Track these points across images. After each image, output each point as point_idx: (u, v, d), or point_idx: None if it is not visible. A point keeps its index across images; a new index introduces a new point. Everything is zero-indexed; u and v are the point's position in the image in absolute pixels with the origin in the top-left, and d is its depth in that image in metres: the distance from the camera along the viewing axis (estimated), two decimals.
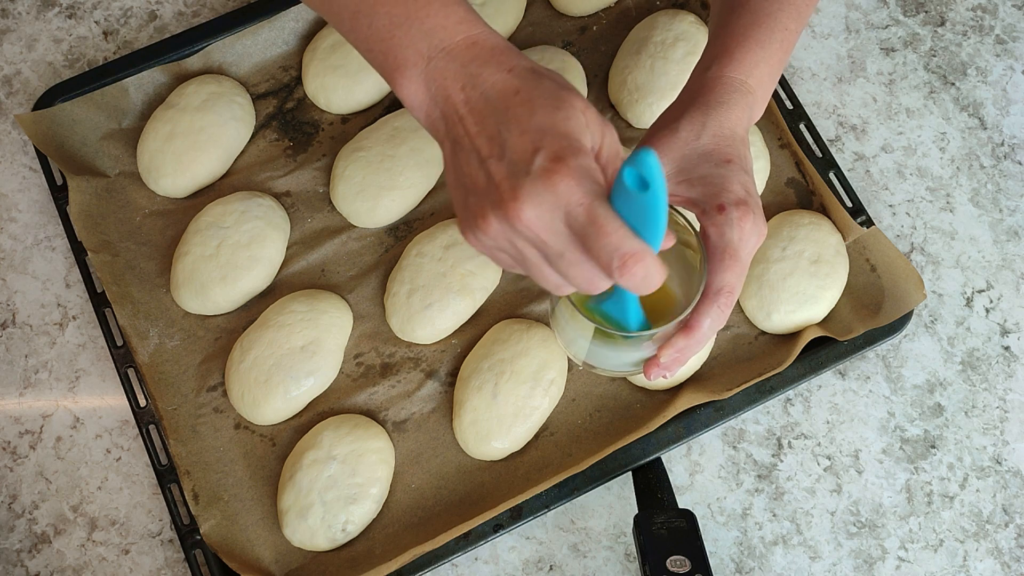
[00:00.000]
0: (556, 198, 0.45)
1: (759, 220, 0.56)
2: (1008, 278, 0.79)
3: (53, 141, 0.79)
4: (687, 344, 0.56)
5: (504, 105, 0.48)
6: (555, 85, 0.49)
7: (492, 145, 0.48)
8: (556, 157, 0.45)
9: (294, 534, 0.69)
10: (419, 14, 0.50)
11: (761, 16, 0.61)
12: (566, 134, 0.46)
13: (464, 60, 0.50)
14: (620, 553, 0.72)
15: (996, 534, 0.72)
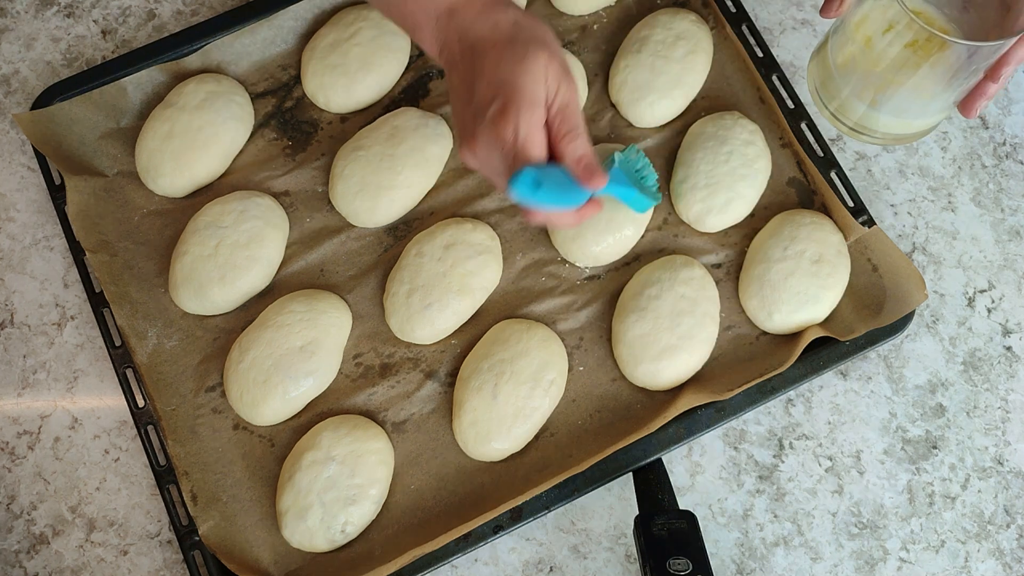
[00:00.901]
0: (496, 141, 0.55)
1: None
2: (1010, 278, 0.79)
3: (51, 140, 0.78)
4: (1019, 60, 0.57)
5: (481, 56, 0.57)
6: (526, 39, 0.56)
7: (468, 91, 0.57)
8: (502, 108, 0.55)
9: (293, 535, 0.69)
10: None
11: None
12: (519, 87, 0.55)
13: (461, 16, 0.58)
14: (620, 554, 0.72)
15: (998, 535, 0.72)
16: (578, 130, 0.57)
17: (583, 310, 0.76)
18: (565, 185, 0.57)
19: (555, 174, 0.57)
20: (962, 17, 0.61)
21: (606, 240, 0.76)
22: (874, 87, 0.62)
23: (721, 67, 0.83)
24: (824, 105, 0.67)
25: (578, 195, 0.58)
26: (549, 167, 0.57)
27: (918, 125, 0.64)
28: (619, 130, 0.81)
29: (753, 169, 0.77)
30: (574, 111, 0.57)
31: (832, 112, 0.67)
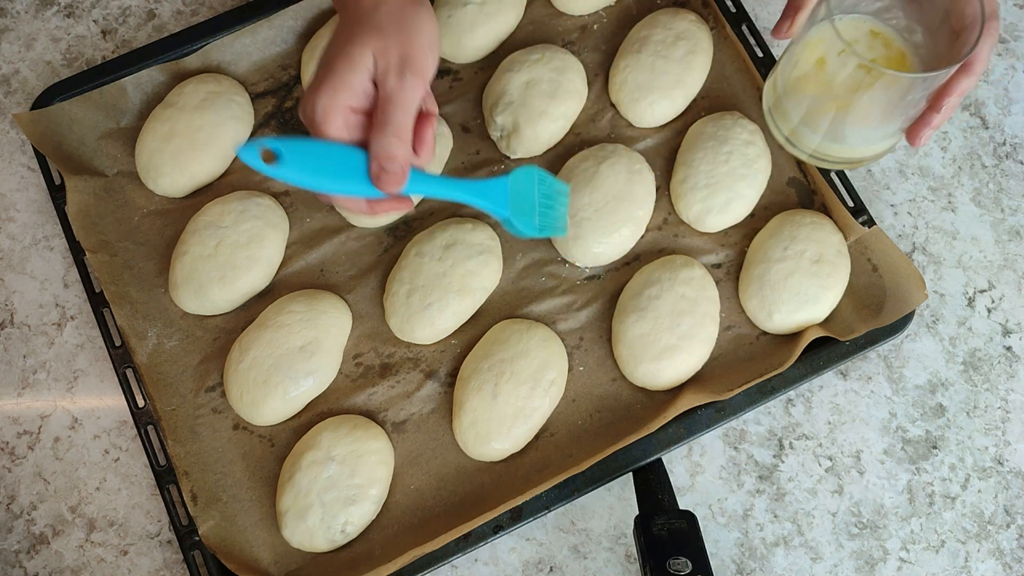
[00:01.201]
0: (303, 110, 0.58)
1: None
2: (1010, 278, 0.79)
3: (51, 140, 0.78)
4: (968, 83, 0.56)
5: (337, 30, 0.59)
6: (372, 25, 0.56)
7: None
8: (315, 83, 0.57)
9: (293, 535, 0.69)
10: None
11: None
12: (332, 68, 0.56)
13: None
14: (620, 554, 0.72)
15: (998, 535, 0.72)
16: (390, 128, 0.56)
17: (583, 310, 0.76)
18: (351, 168, 0.58)
19: (346, 155, 0.58)
20: (918, 40, 0.61)
21: (606, 240, 0.76)
22: (822, 114, 0.62)
23: (721, 67, 0.83)
24: (778, 130, 0.67)
25: (365, 184, 0.59)
26: (344, 148, 0.58)
27: (868, 151, 0.64)
28: (619, 130, 0.81)
29: (753, 169, 0.77)
30: (396, 107, 0.56)
31: (785, 137, 0.67)
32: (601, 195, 0.76)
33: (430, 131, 0.61)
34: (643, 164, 0.78)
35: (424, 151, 0.61)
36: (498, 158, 0.80)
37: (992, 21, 0.56)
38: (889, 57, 0.62)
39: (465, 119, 0.82)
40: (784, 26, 0.62)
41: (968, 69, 0.57)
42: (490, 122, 0.80)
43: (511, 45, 0.84)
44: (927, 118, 0.59)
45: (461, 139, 0.81)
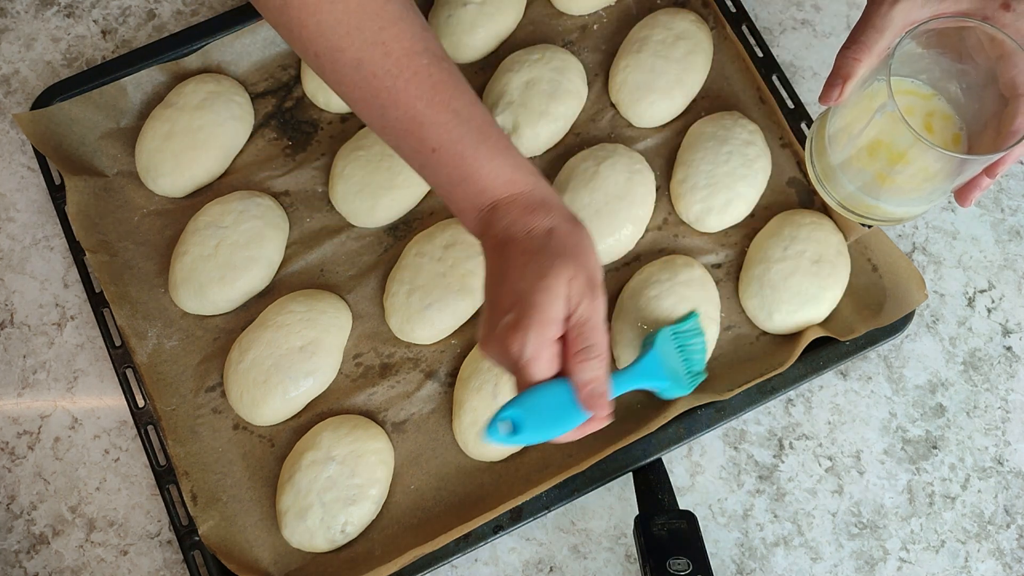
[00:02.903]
0: (504, 353, 0.55)
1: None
2: (1010, 278, 0.79)
3: (51, 140, 0.78)
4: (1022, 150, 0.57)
5: (510, 261, 0.57)
6: (555, 251, 0.56)
7: (495, 288, 0.58)
8: (514, 323, 0.54)
9: (293, 535, 0.69)
10: (472, 176, 0.58)
11: None
12: (535, 304, 0.54)
13: (502, 213, 0.58)
14: (620, 554, 0.72)
15: (998, 535, 0.72)
16: (593, 350, 0.55)
17: None
18: (564, 404, 0.56)
19: (555, 393, 0.56)
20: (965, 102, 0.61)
21: (606, 240, 0.76)
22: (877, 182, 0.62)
23: (721, 67, 0.83)
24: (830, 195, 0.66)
25: (579, 414, 0.56)
26: (550, 387, 0.56)
27: (919, 210, 0.65)
28: (619, 130, 0.81)
29: (753, 169, 0.77)
30: (593, 329, 0.55)
31: (839, 201, 0.67)
32: (601, 195, 0.76)
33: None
34: (643, 164, 0.78)
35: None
36: None
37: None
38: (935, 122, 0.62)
39: None
40: (833, 94, 0.61)
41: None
42: None
43: (511, 45, 0.84)
44: (979, 181, 0.60)
45: None
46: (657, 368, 0.68)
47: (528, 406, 0.55)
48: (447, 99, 0.58)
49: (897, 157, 0.59)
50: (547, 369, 0.55)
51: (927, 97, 0.62)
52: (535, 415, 0.56)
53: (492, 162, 0.58)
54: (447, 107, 0.58)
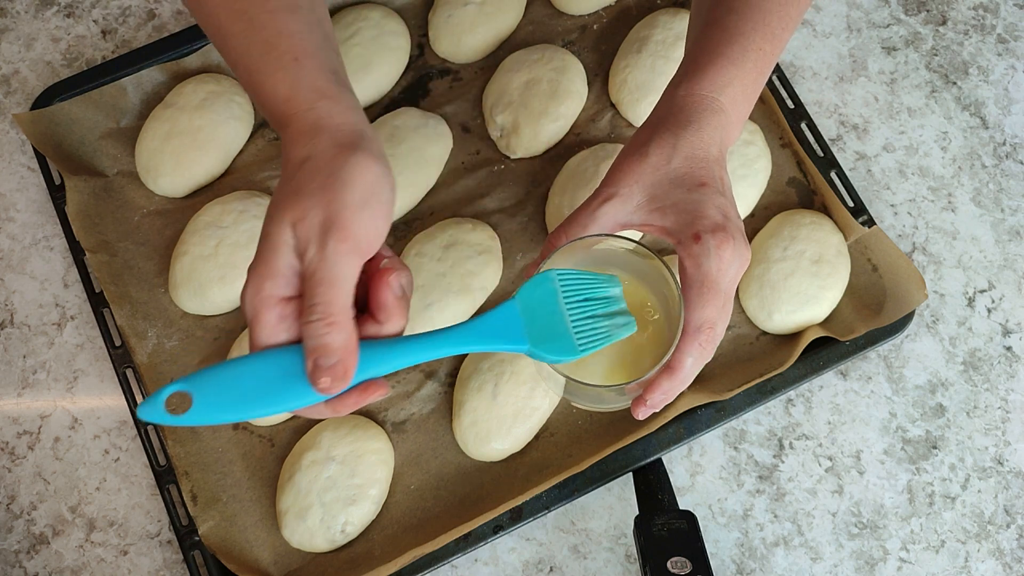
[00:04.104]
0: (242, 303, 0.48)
1: (740, 245, 0.53)
2: (1010, 278, 0.79)
3: (51, 140, 0.78)
4: (671, 385, 0.54)
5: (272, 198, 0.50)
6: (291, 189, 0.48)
7: None
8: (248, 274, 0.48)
9: (293, 535, 0.69)
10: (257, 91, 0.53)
11: (734, 34, 0.57)
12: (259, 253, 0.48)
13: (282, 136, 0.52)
14: (620, 554, 0.72)
15: (998, 535, 0.72)
16: (315, 311, 0.46)
17: None
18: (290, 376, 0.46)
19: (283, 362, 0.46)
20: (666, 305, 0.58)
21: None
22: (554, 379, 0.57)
23: None
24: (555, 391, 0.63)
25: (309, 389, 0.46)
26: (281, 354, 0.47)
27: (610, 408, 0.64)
28: (619, 130, 0.81)
29: (753, 169, 0.77)
30: (318, 283, 0.46)
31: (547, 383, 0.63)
32: None
33: (388, 292, 0.49)
34: None
35: (389, 318, 0.49)
36: (498, 158, 0.80)
37: (700, 333, 0.53)
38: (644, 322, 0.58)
39: (465, 119, 0.82)
40: (529, 272, 0.57)
41: (670, 373, 0.53)
42: (490, 122, 0.80)
43: (511, 45, 0.84)
44: (641, 400, 0.55)
45: (461, 139, 0.81)
46: (511, 325, 0.51)
47: (220, 378, 0.46)
48: (245, 6, 0.52)
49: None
50: (272, 333, 0.47)
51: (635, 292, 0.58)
52: (230, 389, 0.46)
53: (272, 76, 0.51)
54: (243, 15, 0.52)
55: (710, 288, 0.53)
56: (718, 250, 0.52)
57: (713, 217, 0.53)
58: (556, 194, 0.77)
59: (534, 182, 0.80)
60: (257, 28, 0.52)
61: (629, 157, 0.56)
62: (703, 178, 0.54)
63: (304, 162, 0.49)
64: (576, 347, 0.51)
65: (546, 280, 0.52)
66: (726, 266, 0.52)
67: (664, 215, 0.54)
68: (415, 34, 0.84)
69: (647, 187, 0.55)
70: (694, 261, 0.53)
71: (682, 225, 0.54)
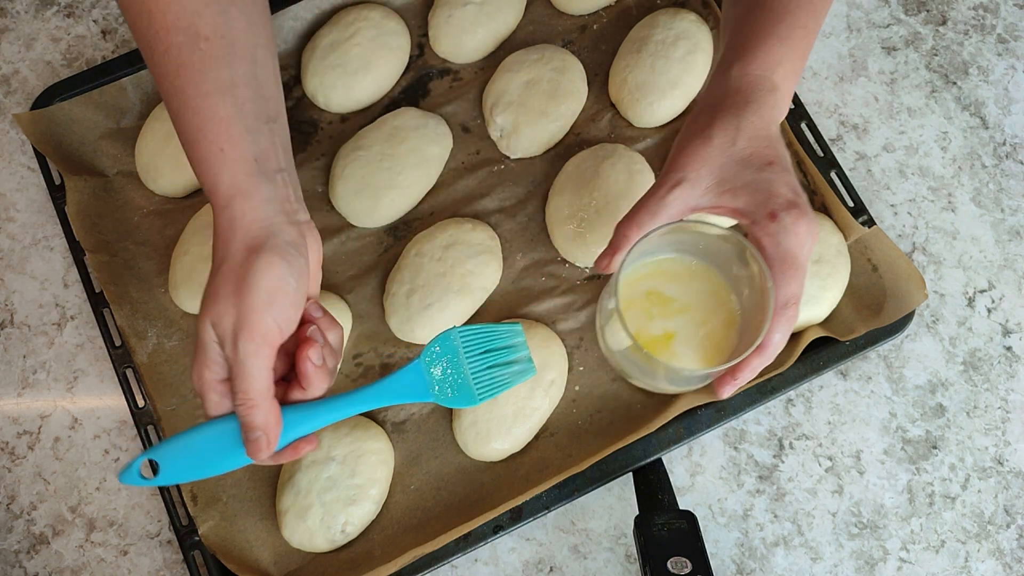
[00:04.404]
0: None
1: (812, 220, 0.55)
2: (1010, 278, 0.79)
3: (51, 140, 0.78)
4: (761, 362, 0.57)
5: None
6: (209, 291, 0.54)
7: None
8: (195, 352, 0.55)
9: (293, 535, 0.69)
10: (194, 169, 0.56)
11: (781, 14, 0.60)
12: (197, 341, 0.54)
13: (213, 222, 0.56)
14: (620, 554, 0.72)
15: (998, 535, 0.72)
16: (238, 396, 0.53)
17: (583, 310, 0.76)
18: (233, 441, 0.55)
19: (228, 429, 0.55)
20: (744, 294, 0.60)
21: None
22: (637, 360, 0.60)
23: None
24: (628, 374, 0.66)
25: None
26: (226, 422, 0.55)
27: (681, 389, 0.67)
28: (619, 130, 0.81)
29: None
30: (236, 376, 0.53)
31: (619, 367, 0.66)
32: (601, 195, 0.76)
33: (307, 364, 0.55)
34: (643, 164, 0.78)
35: (310, 384, 0.56)
36: (498, 158, 0.80)
37: (787, 309, 0.55)
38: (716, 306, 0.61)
39: (465, 119, 0.82)
40: (603, 263, 0.61)
41: (760, 351, 0.56)
42: (490, 122, 0.80)
43: (511, 45, 0.84)
44: (725, 380, 0.59)
45: (461, 139, 0.81)
46: (417, 381, 0.59)
47: (180, 445, 0.56)
48: (183, 85, 0.55)
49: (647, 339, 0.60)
50: (217, 407, 0.55)
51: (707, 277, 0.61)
52: (189, 454, 0.56)
53: (200, 165, 0.56)
54: (180, 94, 0.55)
55: (791, 264, 0.55)
56: (795, 226, 0.54)
57: (785, 195, 0.55)
58: (556, 194, 0.77)
59: (534, 182, 0.80)
60: (190, 112, 0.55)
61: (692, 141, 0.58)
62: (769, 157, 0.56)
63: (221, 265, 0.54)
64: (475, 395, 0.59)
65: (448, 338, 0.59)
66: (803, 241, 0.55)
67: (735, 196, 0.56)
68: (415, 34, 0.84)
69: (715, 170, 0.57)
70: (772, 239, 0.55)
71: (755, 205, 0.56)
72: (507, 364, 0.60)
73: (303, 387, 0.56)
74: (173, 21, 0.54)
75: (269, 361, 0.54)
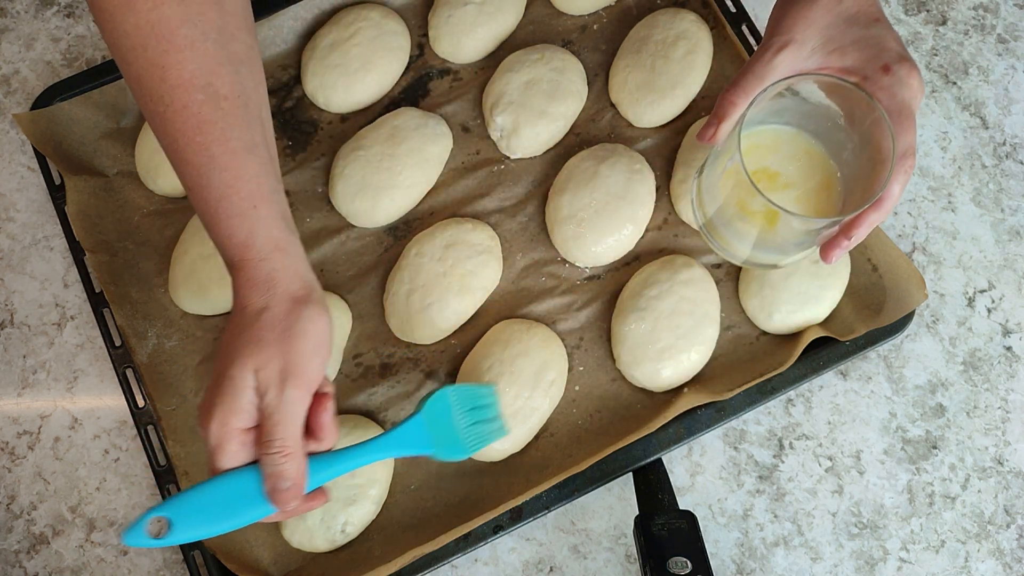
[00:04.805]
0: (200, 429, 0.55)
1: (920, 74, 0.56)
2: (1010, 278, 0.79)
3: (51, 140, 0.78)
4: (878, 217, 0.57)
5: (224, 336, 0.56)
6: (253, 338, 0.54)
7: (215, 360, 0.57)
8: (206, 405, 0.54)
9: (293, 535, 0.69)
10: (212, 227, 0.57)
11: None
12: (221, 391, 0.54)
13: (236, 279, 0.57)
14: (620, 554, 0.72)
15: (998, 535, 0.72)
16: (273, 445, 0.54)
17: (583, 310, 0.76)
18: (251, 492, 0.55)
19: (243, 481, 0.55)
20: (844, 158, 0.62)
21: (606, 240, 0.76)
22: (744, 229, 0.62)
23: (721, 67, 0.83)
24: (708, 236, 0.68)
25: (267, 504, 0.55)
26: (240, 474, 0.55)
27: (783, 260, 0.67)
28: (619, 130, 0.81)
29: None
30: (277, 424, 0.54)
31: (702, 226, 0.69)
32: (601, 195, 0.76)
33: (327, 415, 0.57)
34: (643, 164, 0.78)
35: (326, 436, 0.57)
36: (498, 158, 0.80)
37: (905, 160, 0.57)
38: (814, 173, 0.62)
39: (465, 119, 0.82)
40: (707, 133, 0.61)
41: (877, 206, 0.57)
42: (490, 122, 0.80)
43: (511, 45, 0.84)
44: (838, 241, 0.60)
45: (461, 139, 0.81)
46: (419, 435, 0.64)
47: (194, 500, 0.55)
48: (208, 142, 0.55)
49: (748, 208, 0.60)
50: (234, 458, 0.54)
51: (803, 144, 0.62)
52: (205, 509, 0.55)
53: (229, 220, 0.56)
54: (205, 151, 0.55)
55: (907, 115, 0.56)
56: (909, 78, 0.56)
57: (896, 48, 0.56)
58: (556, 194, 0.77)
59: (534, 182, 0.80)
60: (218, 168, 0.55)
61: (796, 3, 0.58)
62: (875, 13, 0.57)
63: (262, 312, 0.55)
64: (467, 448, 0.65)
65: (444, 397, 0.65)
66: (916, 93, 0.56)
67: (844, 55, 0.57)
68: (415, 34, 0.84)
69: (821, 30, 0.57)
70: (887, 92, 0.56)
71: (866, 60, 0.56)
72: (487, 421, 0.67)
73: (318, 438, 0.57)
74: (190, 79, 0.54)
75: (307, 407, 0.55)
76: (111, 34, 0.54)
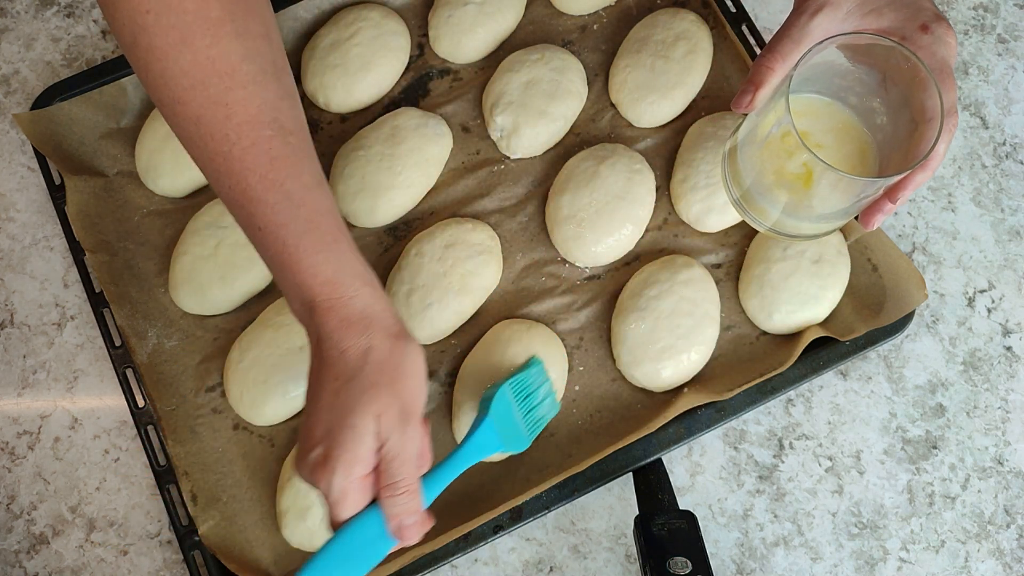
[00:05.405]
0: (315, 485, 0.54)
1: (955, 33, 0.57)
2: (1010, 278, 0.79)
3: (51, 140, 0.78)
4: (924, 177, 0.57)
5: (323, 385, 0.54)
6: (368, 380, 0.53)
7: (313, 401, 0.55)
8: (322, 459, 0.53)
9: (293, 535, 0.69)
10: (292, 267, 0.54)
11: None
12: (341, 442, 0.52)
13: (322, 320, 0.54)
14: (620, 554, 0.72)
15: (998, 535, 0.72)
16: (399, 486, 0.53)
17: (583, 310, 0.76)
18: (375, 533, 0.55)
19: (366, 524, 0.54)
20: (880, 122, 0.61)
21: (606, 240, 0.76)
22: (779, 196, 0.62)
23: (721, 67, 0.83)
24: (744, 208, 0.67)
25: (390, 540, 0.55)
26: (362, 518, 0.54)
27: (827, 228, 0.66)
28: (619, 130, 0.81)
29: None
30: (401, 464, 0.53)
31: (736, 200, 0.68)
32: (601, 195, 0.76)
33: (427, 440, 0.57)
34: (643, 164, 0.78)
35: (429, 460, 0.57)
36: (498, 158, 0.80)
37: (951, 117, 0.56)
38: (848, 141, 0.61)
39: (465, 119, 0.82)
40: (744, 100, 0.60)
41: (924, 165, 0.57)
42: (490, 122, 0.80)
43: (511, 45, 0.84)
44: (881, 205, 0.60)
45: (461, 139, 0.81)
46: (490, 436, 0.65)
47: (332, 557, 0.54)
48: (282, 178, 0.53)
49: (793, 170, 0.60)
50: (355, 505, 0.54)
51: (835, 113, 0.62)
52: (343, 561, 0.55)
53: (314, 256, 0.54)
54: (279, 187, 0.53)
55: (948, 73, 0.56)
56: (946, 36, 0.56)
57: (932, 8, 0.56)
58: (556, 194, 0.77)
59: (534, 182, 0.80)
60: (296, 204, 0.53)
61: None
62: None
63: (367, 353, 0.53)
64: (528, 437, 0.68)
65: (504, 396, 0.67)
66: (953, 51, 0.56)
67: (880, 16, 0.57)
68: (415, 34, 0.84)
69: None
70: (927, 51, 0.56)
71: (903, 20, 0.56)
72: (539, 404, 0.69)
73: (422, 464, 0.57)
74: (257, 114, 0.53)
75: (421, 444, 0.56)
76: (162, 75, 0.52)
